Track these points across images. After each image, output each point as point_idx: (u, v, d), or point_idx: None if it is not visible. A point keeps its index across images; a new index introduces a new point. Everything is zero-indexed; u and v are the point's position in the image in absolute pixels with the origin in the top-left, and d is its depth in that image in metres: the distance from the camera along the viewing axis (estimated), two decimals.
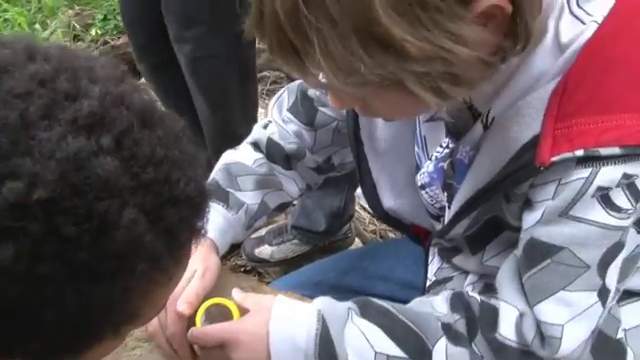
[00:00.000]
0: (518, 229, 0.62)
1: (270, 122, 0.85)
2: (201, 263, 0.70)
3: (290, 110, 0.84)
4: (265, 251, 1.54)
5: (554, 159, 0.53)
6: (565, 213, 0.56)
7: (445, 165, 0.69)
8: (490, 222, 0.65)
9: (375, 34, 0.45)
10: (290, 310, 0.64)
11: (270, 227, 1.56)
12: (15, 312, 0.33)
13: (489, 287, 0.72)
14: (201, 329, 0.65)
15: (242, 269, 1.54)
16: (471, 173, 0.63)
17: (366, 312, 0.64)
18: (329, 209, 1.45)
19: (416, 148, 0.74)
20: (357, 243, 1.60)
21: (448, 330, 0.62)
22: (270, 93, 2.23)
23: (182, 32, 1.34)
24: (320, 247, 1.53)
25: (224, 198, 0.77)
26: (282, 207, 0.86)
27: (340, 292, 0.86)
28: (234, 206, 0.77)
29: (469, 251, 0.71)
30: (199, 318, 0.66)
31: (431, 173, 0.71)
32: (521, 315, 0.61)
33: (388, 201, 0.77)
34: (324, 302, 0.65)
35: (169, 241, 0.36)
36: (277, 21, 0.46)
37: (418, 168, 0.74)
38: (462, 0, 0.46)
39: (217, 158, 0.83)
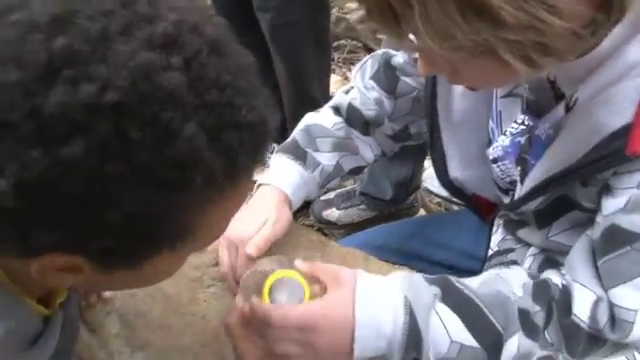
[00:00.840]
0: (588, 210, 0.63)
1: (352, 88, 0.87)
2: (274, 212, 0.73)
3: (373, 77, 0.85)
4: (333, 214, 1.59)
5: None
6: None
7: (523, 140, 0.68)
8: (559, 200, 0.65)
9: (473, 1, 0.45)
10: (375, 290, 0.61)
11: (339, 191, 1.60)
12: (80, 209, 0.34)
13: (550, 261, 0.72)
14: (282, 312, 0.59)
15: None
16: (550, 152, 0.63)
17: (447, 297, 0.62)
18: (396, 178, 1.46)
19: (490, 122, 0.74)
20: (421, 213, 1.61)
21: (525, 321, 0.61)
22: (347, 62, 2.22)
23: (264, 1, 1.40)
24: (385, 214, 1.56)
25: (302, 157, 0.80)
26: (356, 171, 0.88)
27: (402, 256, 0.92)
28: (310, 165, 0.80)
29: (535, 225, 0.72)
30: (267, 291, 0.62)
31: (506, 147, 0.71)
32: (598, 299, 0.61)
33: (455, 171, 0.78)
34: (409, 286, 0.61)
35: (227, 162, 0.37)
36: None
37: (490, 142, 0.74)
38: None
39: (294, 123, 0.86)
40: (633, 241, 0.57)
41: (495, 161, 0.73)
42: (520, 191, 0.69)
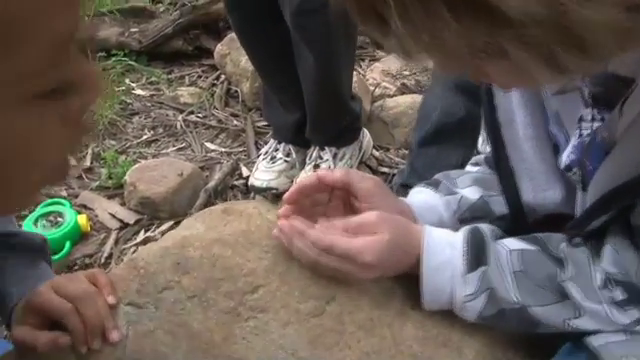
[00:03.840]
0: None
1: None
2: None
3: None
4: None
5: None
6: None
7: (588, 139, 0.60)
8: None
9: None
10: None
11: None
12: None
13: None
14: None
15: None
16: (612, 157, 0.55)
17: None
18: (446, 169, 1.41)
19: (550, 126, 0.66)
20: None
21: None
22: (356, 58, 2.12)
23: None
24: None
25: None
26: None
27: None
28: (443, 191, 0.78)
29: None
30: None
31: (576, 149, 0.63)
32: None
33: (527, 194, 0.69)
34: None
35: None
36: None
37: (556, 148, 0.66)
38: None
39: (316, 121, 0.75)
40: None
41: (569, 169, 0.64)
42: (582, 202, 0.63)
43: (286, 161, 1.60)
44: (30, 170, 0.29)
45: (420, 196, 0.74)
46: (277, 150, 1.62)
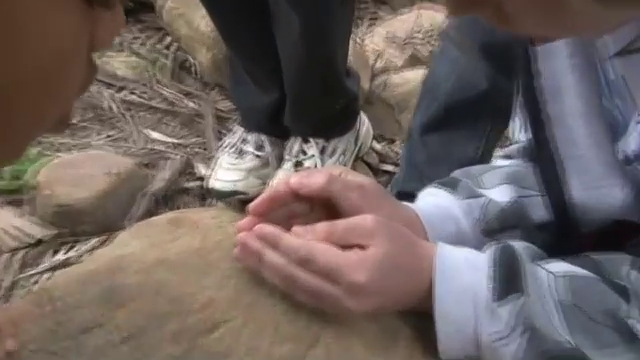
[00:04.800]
0: None
1: None
2: None
3: None
4: None
5: None
6: None
7: None
8: None
9: None
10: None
11: None
12: None
13: None
14: None
15: None
16: None
17: None
18: (459, 162, 1.43)
19: (604, 101, 0.68)
20: None
21: None
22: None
23: None
24: None
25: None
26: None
27: None
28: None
29: None
30: None
31: None
32: None
33: (577, 190, 0.71)
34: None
35: None
36: None
37: (614, 130, 0.68)
38: None
39: (300, 103, 0.77)
40: None
41: (628, 161, 0.67)
42: None
43: (258, 156, 1.62)
44: (56, 94, 0.38)
45: (431, 200, 0.75)
46: (246, 141, 1.64)
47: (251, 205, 0.68)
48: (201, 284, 0.66)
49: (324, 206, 0.70)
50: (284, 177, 1.25)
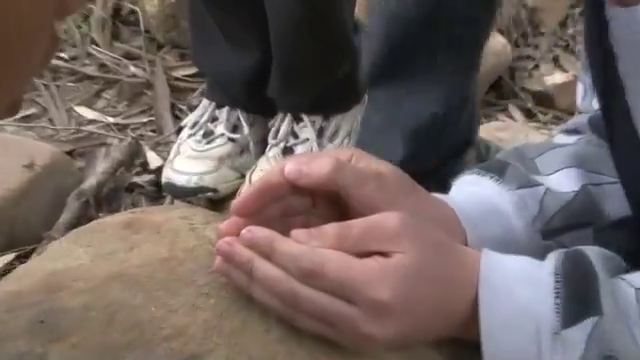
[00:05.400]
0: None
1: None
2: None
3: None
4: None
5: None
6: None
7: None
8: None
9: None
10: None
11: None
12: None
13: None
14: None
15: None
16: None
17: None
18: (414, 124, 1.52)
19: None
20: None
21: None
22: None
23: None
24: None
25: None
26: None
27: None
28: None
29: None
30: None
31: None
32: None
33: None
34: None
35: None
36: None
37: None
38: None
39: (292, 67, 0.77)
40: None
41: None
42: None
43: (232, 140, 1.61)
44: (15, 69, 0.41)
45: (472, 191, 0.78)
46: (215, 120, 1.63)
47: (235, 202, 0.69)
48: (170, 306, 0.67)
49: (330, 201, 0.71)
50: (270, 167, 1.27)
